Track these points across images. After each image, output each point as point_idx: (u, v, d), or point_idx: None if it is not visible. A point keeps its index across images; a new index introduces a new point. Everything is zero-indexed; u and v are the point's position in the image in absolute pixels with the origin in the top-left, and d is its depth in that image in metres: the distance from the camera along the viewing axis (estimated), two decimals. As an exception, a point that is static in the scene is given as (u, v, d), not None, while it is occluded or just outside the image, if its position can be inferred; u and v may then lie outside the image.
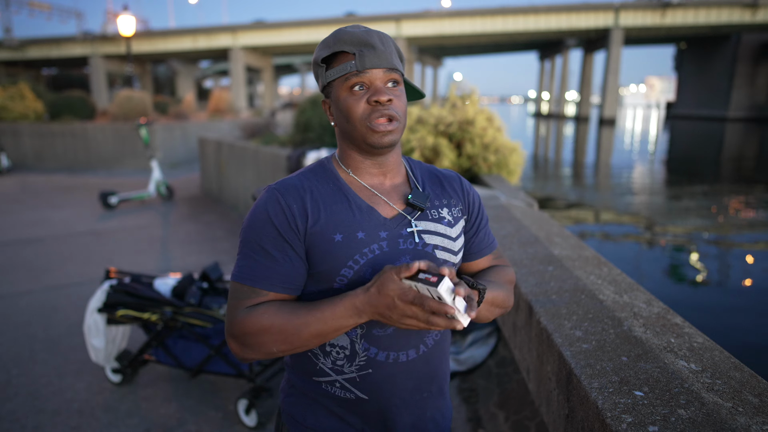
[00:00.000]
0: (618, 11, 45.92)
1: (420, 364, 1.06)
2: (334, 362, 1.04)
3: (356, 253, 0.99)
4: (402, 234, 1.04)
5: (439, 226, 1.08)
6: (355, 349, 1.02)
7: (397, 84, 1.02)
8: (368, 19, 46.35)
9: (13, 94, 15.68)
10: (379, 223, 1.03)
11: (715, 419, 1.13)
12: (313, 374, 1.07)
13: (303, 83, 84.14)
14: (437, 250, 1.06)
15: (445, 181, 1.16)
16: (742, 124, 46.29)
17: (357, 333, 1.01)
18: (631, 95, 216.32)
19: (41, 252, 5.93)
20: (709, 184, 15.00)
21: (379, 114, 0.98)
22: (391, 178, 1.09)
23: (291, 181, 1.04)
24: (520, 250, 2.66)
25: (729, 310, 5.85)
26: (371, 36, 1.00)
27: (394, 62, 1.01)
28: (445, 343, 1.13)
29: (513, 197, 4.64)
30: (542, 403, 1.81)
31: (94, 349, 2.90)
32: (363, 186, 1.07)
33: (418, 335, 1.05)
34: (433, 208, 1.09)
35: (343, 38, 0.99)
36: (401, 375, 1.04)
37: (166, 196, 9.09)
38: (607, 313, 1.77)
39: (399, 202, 1.07)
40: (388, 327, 1.01)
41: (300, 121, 8.42)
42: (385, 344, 1.02)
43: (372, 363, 1.02)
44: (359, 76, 0.98)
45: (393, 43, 1.04)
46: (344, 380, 1.04)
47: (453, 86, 7.28)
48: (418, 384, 1.07)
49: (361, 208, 1.03)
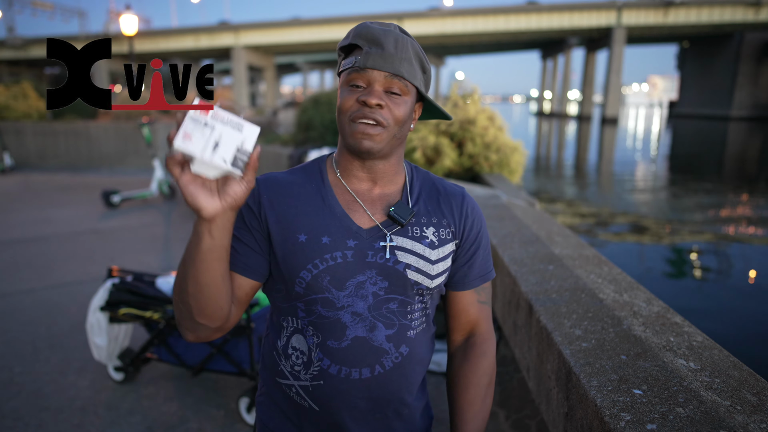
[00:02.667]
0: (620, 10, 45.83)
1: (373, 385, 1.00)
2: (292, 366, 1.02)
3: (317, 257, 0.96)
4: (374, 246, 0.99)
5: (417, 245, 1.01)
6: (311, 357, 1.00)
7: (400, 94, 0.96)
8: (369, 19, 46.33)
9: (16, 93, 15.71)
10: (350, 232, 0.99)
11: (713, 417, 1.13)
12: (276, 374, 1.06)
13: (305, 82, 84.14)
14: (409, 270, 1.00)
15: (443, 198, 1.08)
16: (745, 123, 46.16)
17: (313, 341, 0.99)
18: (633, 94, 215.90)
19: (44, 250, 5.95)
20: (712, 183, 14.97)
21: (362, 114, 0.94)
22: (382, 186, 1.04)
23: (277, 174, 1.05)
24: (521, 248, 2.67)
25: (730, 310, 5.84)
26: (386, 36, 0.95)
27: (401, 69, 0.95)
28: (409, 367, 1.04)
29: (514, 196, 4.64)
30: (542, 401, 1.82)
31: (97, 347, 2.92)
32: (346, 190, 1.03)
33: (374, 354, 0.99)
34: (416, 225, 1.03)
35: (361, 32, 0.96)
36: (352, 392, 1.00)
37: (169, 194, 9.10)
38: (607, 312, 1.77)
39: (380, 214, 1.02)
40: (342, 340, 0.98)
41: (302, 120, 8.44)
42: (339, 357, 0.98)
43: (324, 374, 0.99)
44: (359, 74, 0.94)
45: (414, 52, 0.97)
46: (299, 387, 1.02)
47: (455, 85, 7.28)
48: (371, 404, 1.02)
49: (333, 212, 1.00)
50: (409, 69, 0.96)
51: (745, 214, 11.01)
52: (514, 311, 2.28)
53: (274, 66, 57.60)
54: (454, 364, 1.12)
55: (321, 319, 0.98)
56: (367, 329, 0.99)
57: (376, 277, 0.98)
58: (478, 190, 4.56)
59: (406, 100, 0.97)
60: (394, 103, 0.95)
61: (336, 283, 0.97)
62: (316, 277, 0.96)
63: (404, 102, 0.97)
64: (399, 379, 1.03)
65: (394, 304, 1.00)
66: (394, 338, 1.01)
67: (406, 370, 1.03)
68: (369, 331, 0.99)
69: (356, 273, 0.97)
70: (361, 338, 0.99)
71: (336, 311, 0.98)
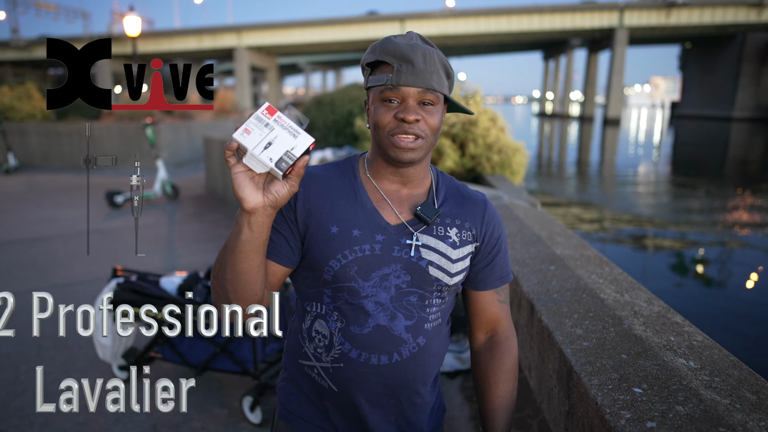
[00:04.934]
0: (623, 11, 45.75)
1: (390, 371, 1.06)
2: (315, 348, 1.08)
3: (346, 248, 1.03)
4: (400, 242, 1.05)
5: (440, 243, 1.08)
6: (332, 341, 1.06)
7: (433, 104, 1.01)
8: (371, 20, 46.35)
9: (20, 94, 15.76)
10: (379, 226, 1.06)
11: (713, 415, 1.15)
12: (299, 356, 1.12)
13: (307, 83, 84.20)
14: (431, 267, 1.06)
15: (467, 202, 1.15)
16: (748, 124, 46.04)
17: (336, 326, 1.05)
18: (635, 95, 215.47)
19: (48, 250, 5.98)
20: (714, 184, 14.95)
21: (402, 131, 1.00)
22: (411, 188, 1.11)
23: (314, 169, 1.11)
24: (523, 249, 2.68)
25: (733, 310, 5.84)
26: (414, 52, 0.99)
27: (431, 83, 1.00)
28: (425, 358, 1.10)
29: (516, 197, 4.65)
30: (543, 400, 1.83)
31: (101, 347, 2.93)
32: (376, 189, 1.10)
33: (393, 342, 1.06)
34: (441, 225, 1.09)
35: (388, 49, 1.00)
36: (370, 376, 1.06)
37: (172, 195, 9.13)
38: (608, 312, 1.79)
39: (407, 212, 1.09)
40: (364, 327, 1.04)
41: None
42: (359, 343, 1.05)
43: (344, 358, 1.05)
44: (393, 91, 0.99)
45: (440, 62, 1.02)
46: (321, 368, 1.09)
47: (457, 86, 7.29)
48: (386, 390, 1.08)
49: (365, 207, 1.07)
50: (438, 80, 1.01)
51: (748, 215, 10.99)
52: (516, 311, 2.29)
53: (276, 67, 57.64)
54: (482, 362, 1.18)
55: (346, 306, 1.05)
56: (389, 318, 1.05)
57: (400, 270, 1.05)
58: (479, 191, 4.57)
59: (438, 108, 1.03)
60: (429, 113, 1.01)
61: (363, 274, 1.04)
62: (344, 267, 1.03)
63: (437, 111, 1.03)
64: (415, 368, 1.09)
65: (414, 297, 1.06)
66: (412, 329, 1.07)
67: (421, 361, 1.09)
68: (390, 321, 1.05)
69: (382, 265, 1.04)
70: (382, 326, 1.05)
71: (360, 299, 1.04)
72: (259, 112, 0.85)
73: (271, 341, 2.91)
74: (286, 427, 1.16)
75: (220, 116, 19.94)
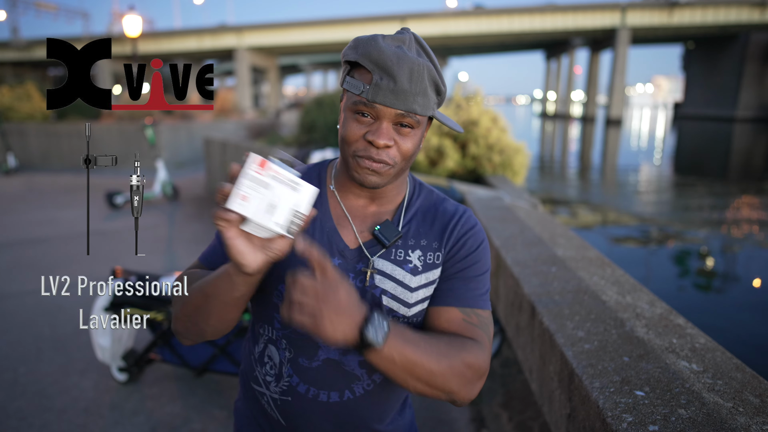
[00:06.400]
0: (625, 11, 45.72)
1: (341, 410, 0.97)
2: (265, 375, 1.00)
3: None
4: (356, 269, 0.94)
5: (397, 270, 0.94)
6: (281, 371, 0.97)
7: (411, 127, 0.88)
8: (372, 19, 46.35)
9: (20, 94, 15.80)
10: (336, 249, 0.95)
11: (715, 419, 1.13)
12: (252, 380, 1.04)
13: (308, 83, 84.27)
14: (385, 297, 0.94)
15: (439, 219, 0.99)
16: (751, 125, 45.98)
17: (285, 355, 0.96)
18: (638, 95, 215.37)
19: (47, 251, 5.97)
20: (718, 185, 14.93)
21: (368, 155, 0.87)
22: (379, 205, 0.99)
23: None
24: (524, 250, 2.67)
25: (736, 312, 5.82)
26: (400, 65, 0.83)
27: (413, 106, 0.85)
28: (381, 396, 0.99)
29: (517, 198, 4.64)
30: (545, 402, 1.82)
31: (101, 348, 2.93)
32: (339, 204, 0.99)
33: (345, 378, 0.96)
34: (402, 248, 0.95)
35: (371, 53, 0.85)
36: (319, 414, 0.96)
37: (172, 196, 9.13)
38: (610, 314, 1.77)
39: (367, 232, 0.96)
40: (313, 360, 0.95)
41: (305, 122, 8.45)
42: (308, 377, 0.95)
43: (292, 392, 0.96)
44: (367, 106, 0.86)
45: (430, 78, 0.87)
46: (270, 398, 1.00)
47: (458, 87, 7.28)
48: (337, 428, 0.98)
49: (323, 227, 0.96)
50: (423, 102, 0.87)
51: (752, 216, 10.97)
52: (517, 313, 2.28)
53: (277, 67, 57.68)
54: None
55: (295, 335, 0.95)
56: (340, 352, 0.95)
57: None
58: (481, 191, 4.56)
59: (417, 132, 0.90)
60: (403, 137, 0.88)
61: None
62: None
63: (414, 134, 0.90)
64: (369, 407, 0.98)
65: None
66: (367, 364, 0.96)
67: (378, 399, 0.99)
68: (342, 355, 0.95)
69: None
70: (333, 361, 0.95)
71: None
72: (252, 171, 0.72)
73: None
74: None
75: (221, 117, 19.97)
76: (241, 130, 14.11)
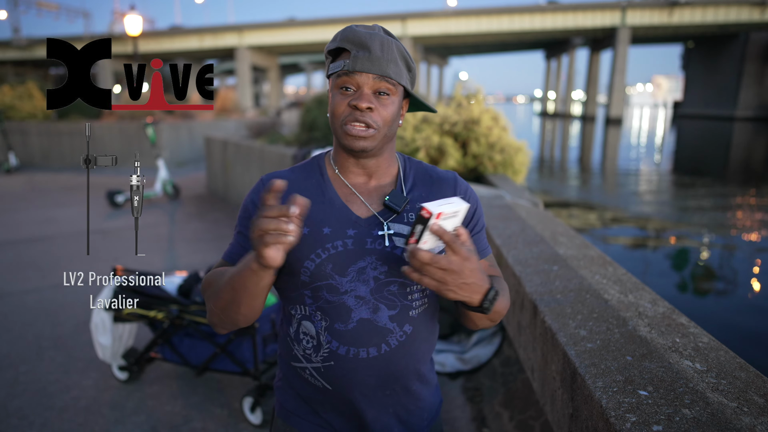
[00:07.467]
0: (625, 10, 45.68)
1: (381, 363, 1.06)
2: (304, 350, 1.09)
3: (319, 247, 1.04)
4: (372, 234, 1.06)
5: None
6: (320, 341, 1.06)
7: (388, 94, 1.02)
8: (373, 19, 46.32)
9: (21, 93, 15.78)
10: (349, 221, 1.06)
11: (720, 419, 1.13)
12: (292, 359, 1.13)
13: (309, 82, 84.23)
14: (406, 254, 1.06)
15: (436, 184, 1.15)
16: (751, 124, 45.93)
17: (321, 325, 1.05)
18: (638, 94, 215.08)
19: (48, 250, 5.97)
20: (718, 184, 14.91)
21: (354, 118, 1.01)
22: (377, 179, 1.12)
23: (279, 173, 1.11)
24: (525, 249, 2.66)
25: (739, 311, 5.81)
26: (372, 39, 1.00)
27: (387, 71, 1.01)
28: (414, 345, 1.10)
29: (518, 197, 4.64)
30: (546, 402, 1.81)
31: (101, 347, 2.92)
32: (344, 184, 1.11)
33: (379, 334, 1.05)
34: (411, 211, 1.09)
35: (348, 36, 1.01)
36: (361, 371, 1.06)
37: (173, 194, 9.12)
38: (612, 313, 1.76)
39: (377, 204, 1.09)
40: (348, 322, 1.04)
41: (306, 121, 8.43)
42: (346, 339, 1.04)
43: (334, 356, 1.05)
44: (349, 77, 1.00)
45: (399, 52, 1.03)
46: (312, 369, 1.09)
47: (458, 86, 7.27)
48: (379, 381, 1.08)
49: (333, 204, 1.08)
50: (395, 69, 1.02)
51: (752, 215, 10.95)
52: (519, 312, 2.27)
53: (277, 66, 57.66)
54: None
55: (327, 304, 1.05)
56: (371, 311, 1.05)
57: (376, 262, 1.05)
58: (482, 190, 4.55)
59: (394, 99, 1.04)
60: (383, 104, 1.02)
61: (338, 270, 1.04)
62: (319, 266, 1.03)
63: (392, 102, 1.03)
64: (405, 356, 1.08)
65: (394, 286, 1.06)
66: (397, 318, 1.06)
67: (411, 348, 1.09)
68: (373, 313, 1.05)
69: (357, 259, 1.04)
70: (365, 320, 1.05)
71: (340, 296, 1.04)
72: (435, 227, 0.87)
73: (272, 341, 2.89)
74: (284, 425, 1.17)
75: (222, 115, 19.94)
76: (242, 129, 14.12)
